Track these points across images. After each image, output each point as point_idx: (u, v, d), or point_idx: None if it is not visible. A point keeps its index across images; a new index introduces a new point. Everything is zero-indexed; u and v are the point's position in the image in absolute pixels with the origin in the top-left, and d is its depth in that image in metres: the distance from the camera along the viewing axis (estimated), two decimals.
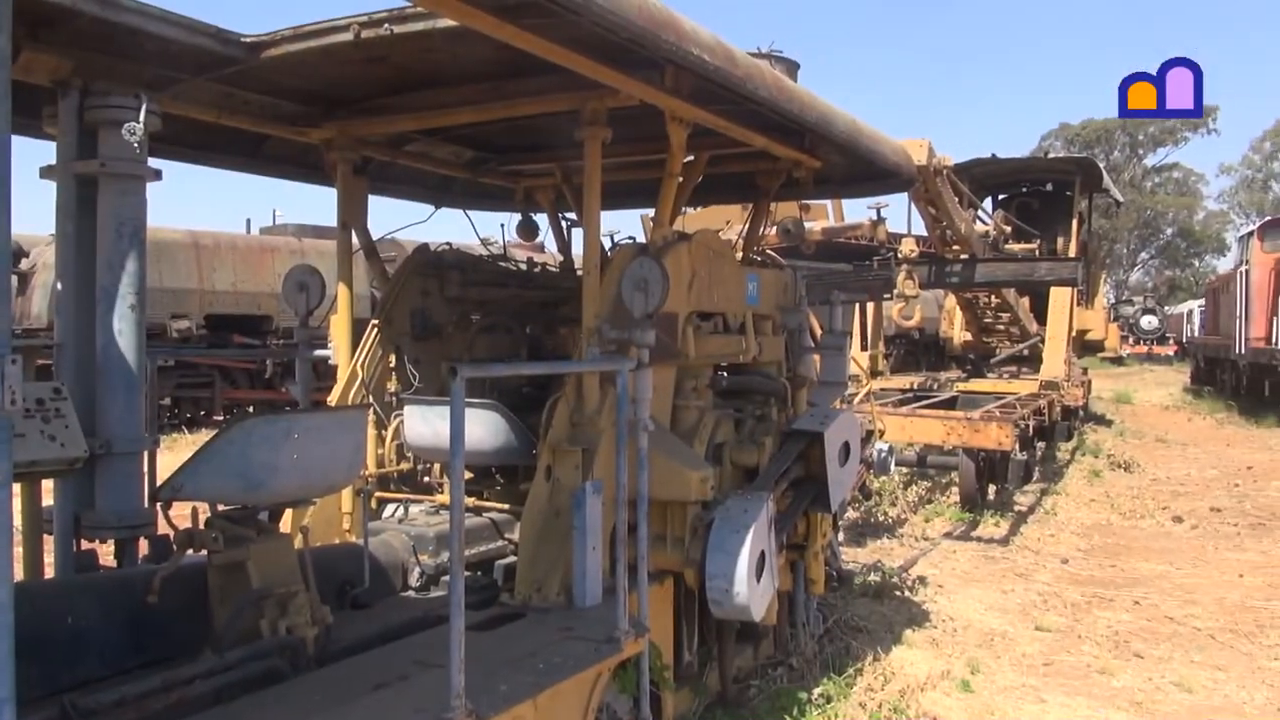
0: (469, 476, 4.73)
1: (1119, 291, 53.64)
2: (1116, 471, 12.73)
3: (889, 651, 5.51)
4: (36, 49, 3.34)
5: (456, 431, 2.56)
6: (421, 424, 4.33)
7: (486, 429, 4.20)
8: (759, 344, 4.82)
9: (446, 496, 4.38)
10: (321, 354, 4.83)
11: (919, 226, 10.80)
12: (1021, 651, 5.81)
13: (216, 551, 3.10)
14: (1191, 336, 33.91)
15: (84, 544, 3.60)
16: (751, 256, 5.35)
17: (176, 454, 7.28)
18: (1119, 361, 33.38)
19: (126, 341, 3.55)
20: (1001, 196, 15.83)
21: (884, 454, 7.20)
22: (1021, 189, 15.95)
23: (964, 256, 11.07)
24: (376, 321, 4.87)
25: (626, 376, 3.44)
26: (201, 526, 3.15)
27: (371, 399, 4.71)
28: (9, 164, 1.83)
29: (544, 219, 5.95)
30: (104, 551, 3.74)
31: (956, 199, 10.38)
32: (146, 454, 3.72)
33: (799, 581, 5.14)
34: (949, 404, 11.22)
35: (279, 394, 16.17)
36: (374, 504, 4.60)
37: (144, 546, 3.66)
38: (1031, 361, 14.13)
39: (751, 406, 4.81)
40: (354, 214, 4.86)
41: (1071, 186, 15.23)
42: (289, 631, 3.08)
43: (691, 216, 7.74)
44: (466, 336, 5.04)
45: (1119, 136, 57.10)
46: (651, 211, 4.50)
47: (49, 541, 3.61)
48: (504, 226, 5.93)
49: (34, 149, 3.94)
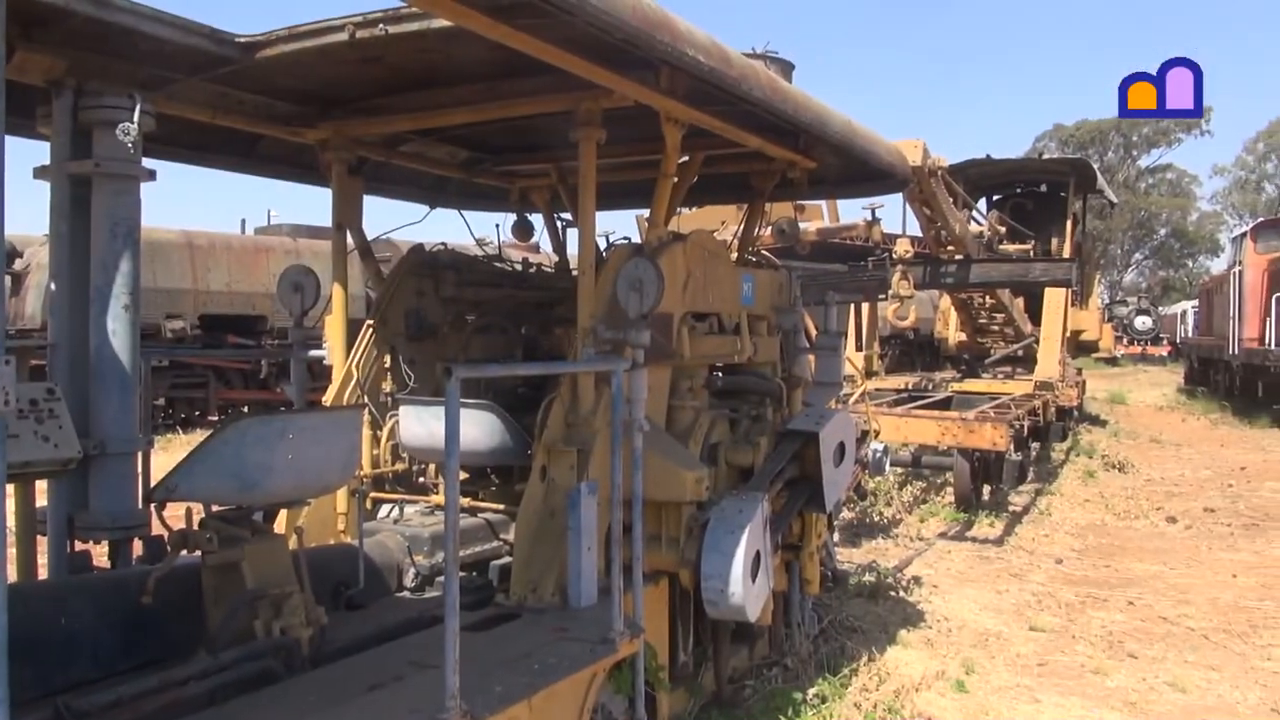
0: (464, 477, 4.73)
1: (1113, 292, 53.82)
2: (1111, 472, 12.76)
3: (884, 652, 5.52)
4: (30, 49, 3.33)
5: (452, 432, 2.56)
6: (417, 424, 4.33)
7: (482, 429, 4.20)
8: (754, 344, 4.83)
9: (442, 497, 4.39)
10: (316, 354, 4.82)
11: (914, 227, 10.84)
12: (1016, 652, 5.82)
13: (211, 552, 3.10)
14: (1185, 337, 34.05)
15: (78, 545, 3.59)
16: (746, 257, 5.36)
17: (171, 454, 7.26)
18: (1113, 362, 33.43)
19: (120, 342, 3.54)
20: (996, 197, 15.86)
21: (879, 454, 7.21)
22: (1016, 190, 15.98)
23: (959, 257, 11.10)
24: (371, 322, 4.87)
25: (621, 377, 3.44)
26: (196, 527, 3.15)
27: (366, 399, 4.71)
28: (3, 164, 1.83)
29: (539, 219, 5.95)
30: (98, 552, 3.74)
31: (951, 200, 10.40)
32: (140, 455, 3.71)
33: (794, 582, 5.15)
34: (944, 404, 11.25)
35: (274, 394, 16.15)
36: (369, 504, 4.59)
37: (138, 547, 3.65)
38: (1026, 362, 14.16)
39: (747, 407, 4.81)
40: (349, 214, 4.85)
41: (1066, 187, 15.28)
42: (283, 632, 3.07)
43: (686, 217, 7.74)
44: (462, 337, 5.04)
45: (1113, 137, 57.27)
46: (646, 212, 4.50)
47: (43, 543, 3.60)
48: (499, 227, 5.93)
49: (28, 149, 3.94)
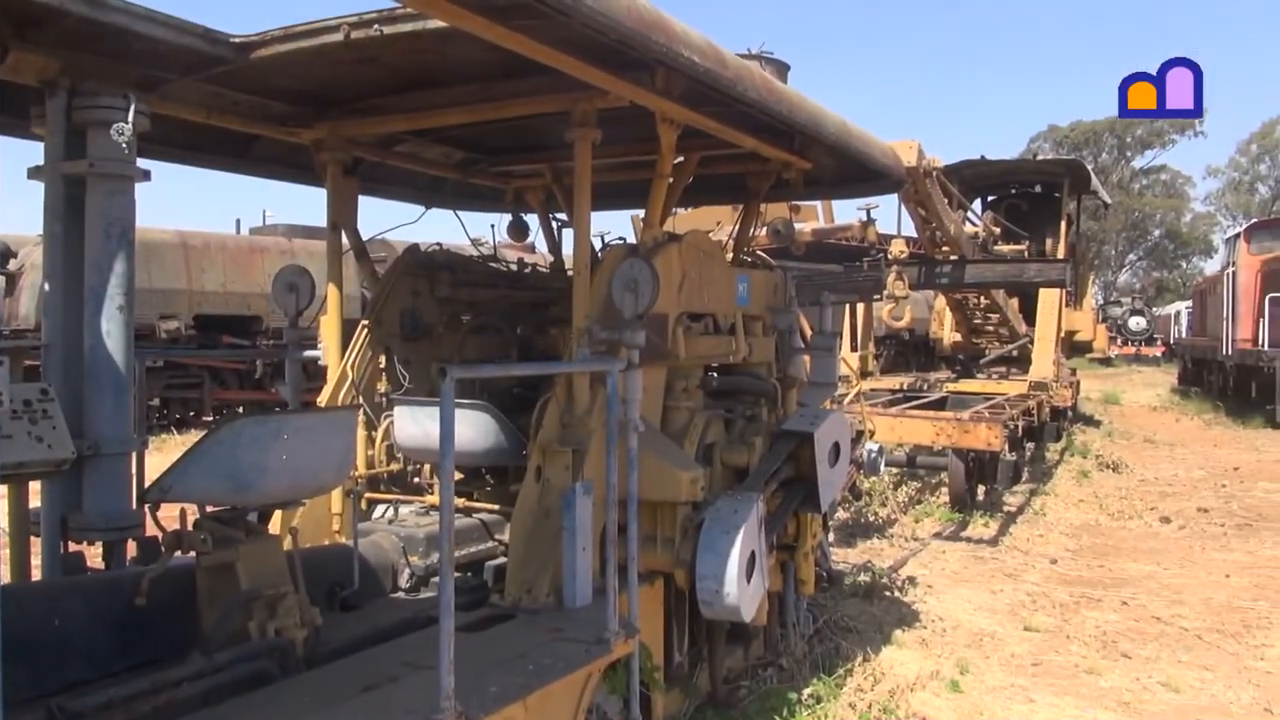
0: (459, 477, 4.72)
1: (1107, 293, 53.95)
2: (1105, 472, 12.78)
3: (879, 652, 5.53)
4: (24, 49, 3.32)
5: (446, 432, 2.55)
6: (412, 425, 4.33)
7: (476, 430, 4.19)
8: (749, 345, 4.83)
9: (436, 497, 4.38)
10: (311, 355, 4.82)
11: (909, 228, 10.86)
12: (1010, 652, 5.83)
13: (205, 553, 3.09)
14: (1179, 338, 34.16)
15: (71, 546, 3.58)
16: (742, 257, 5.36)
17: (166, 455, 7.25)
18: (1107, 362, 33.53)
19: (114, 342, 3.54)
20: (990, 198, 15.91)
21: (874, 454, 7.22)
22: (1010, 190, 16.02)
23: (953, 258, 11.12)
24: (366, 322, 4.86)
25: (617, 377, 3.45)
26: (190, 528, 3.14)
27: (361, 400, 4.70)
28: None
29: (534, 220, 5.95)
30: (92, 553, 3.73)
31: (946, 200, 10.41)
32: (135, 455, 3.70)
33: (789, 582, 5.15)
34: (939, 405, 11.26)
35: (268, 395, 16.11)
36: (364, 505, 4.59)
37: (132, 548, 3.65)
38: (1021, 362, 14.19)
39: (742, 407, 4.81)
40: (344, 215, 4.85)
41: (1060, 188, 15.32)
42: (278, 633, 3.07)
43: (682, 217, 7.72)
44: (457, 337, 5.03)
45: (1107, 138, 57.44)
46: (642, 212, 4.50)
47: (36, 544, 3.59)
48: (494, 227, 5.93)
49: (21, 149, 3.93)
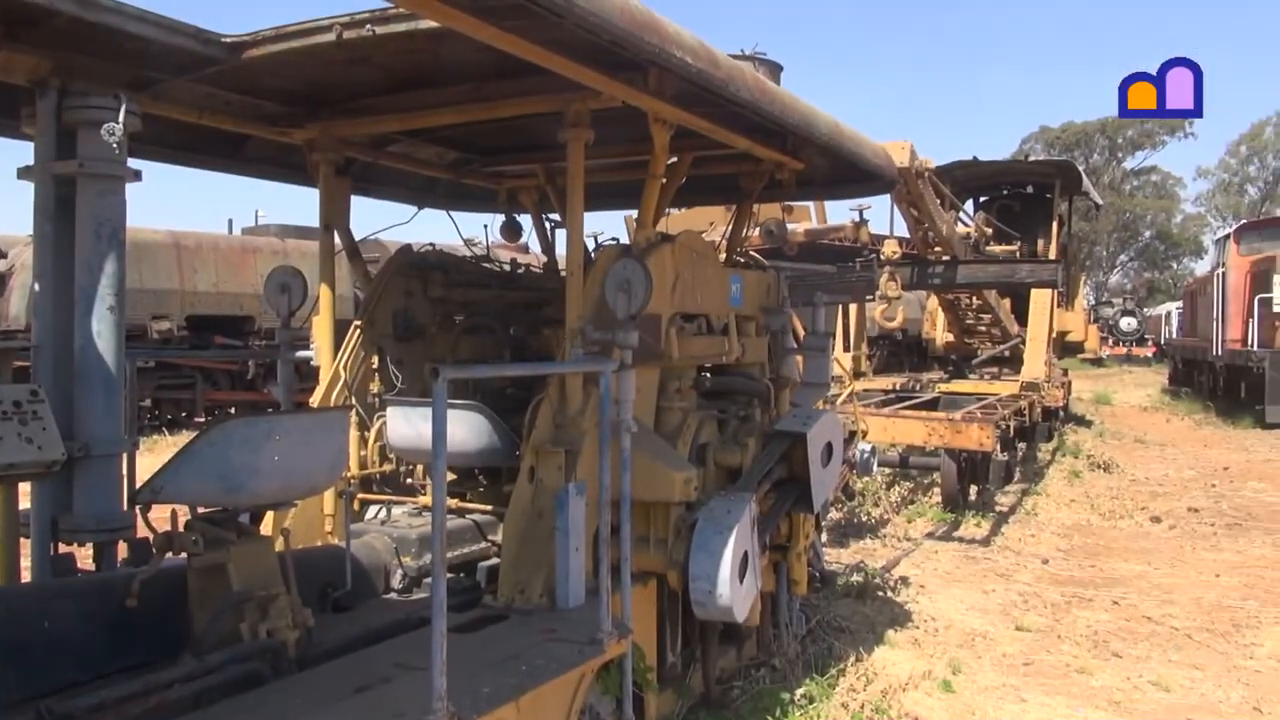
0: (452, 478, 4.72)
1: (1099, 293, 54.17)
2: (1096, 472, 12.83)
3: (871, 652, 5.54)
4: (14, 49, 3.31)
5: (439, 433, 2.55)
6: (404, 425, 4.32)
7: (469, 430, 4.19)
8: (742, 345, 4.83)
9: (429, 498, 4.38)
10: (304, 355, 4.81)
11: (901, 228, 10.86)
12: (1002, 651, 5.85)
13: (196, 554, 3.08)
14: (1170, 338, 34.29)
15: (62, 547, 3.57)
16: (735, 258, 5.37)
17: (158, 456, 7.21)
18: (1099, 363, 33.64)
19: (105, 343, 3.52)
20: (983, 199, 15.94)
21: (866, 455, 7.23)
22: (1002, 191, 16.06)
23: (946, 258, 11.14)
24: (359, 322, 4.85)
25: (610, 377, 3.44)
26: (181, 529, 3.13)
27: (354, 400, 4.69)
28: None
29: (528, 220, 5.95)
30: (82, 555, 3.71)
31: (938, 201, 10.44)
32: (126, 456, 3.69)
33: (782, 582, 5.16)
34: (931, 405, 11.28)
35: (261, 395, 16.07)
36: (356, 506, 4.58)
37: (123, 550, 3.63)
38: (1013, 362, 14.23)
39: (735, 407, 4.82)
40: (336, 215, 4.84)
41: (1051, 189, 15.37)
42: (269, 634, 3.06)
43: (675, 218, 7.75)
44: (450, 337, 5.03)
45: (1098, 139, 57.67)
46: (635, 213, 4.51)
47: (26, 545, 3.58)
48: (487, 228, 5.94)
49: (12, 149, 3.91)
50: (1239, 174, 58.70)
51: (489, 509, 4.54)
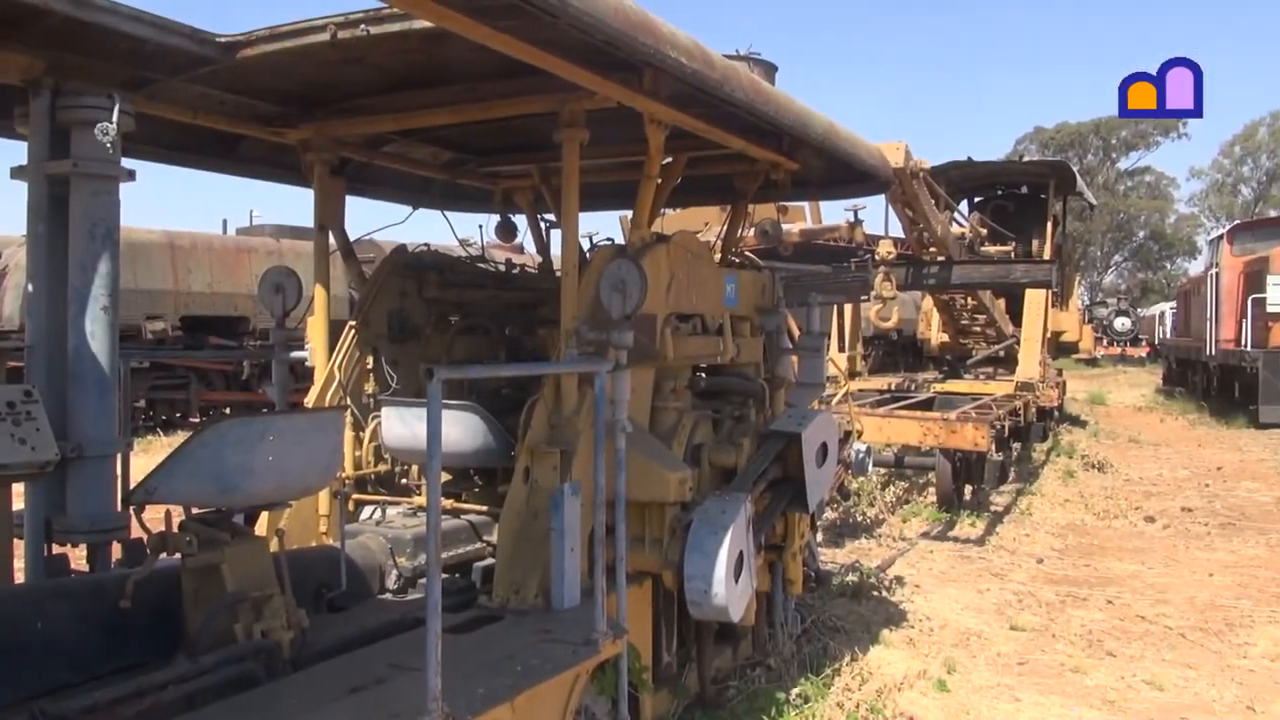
0: (447, 478, 4.71)
1: (1093, 293, 54.30)
2: (1090, 472, 12.86)
3: (866, 651, 5.55)
4: (8, 48, 3.31)
5: (433, 433, 2.55)
6: (399, 425, 4.31)
7: (464, 430, 4.19)
8: (737, 345, 4.84)
9: (424, 499, 4.37)
10: (298, 356, 4.80)
11: (896, 228, 10.90)
12: (997, 651, 5.86)
13: (190, 555, 3.07)
14: (1163, 338, 34.35)
15: (55, 548, 3.56)
16: (730, 258, 5.37)
17: (152, 456, 7.21)
18: (1093, 363, 33.73)
19: (99, 343, 3.52)
20: (977, 199, 15.97)
21: (862, 455, 7.24)
22: (997, 192, 16.09)
23: (940, 258, 11.16)
24: (354, 323, 4.85)
25: (605, 378, 3.44)
26: (175, 530, 3.12)
27: (349, 401, 4.69)
28: None
29: (523, 220, 5.94)
30: (76, 556, 3.70)
31: (933, 201, 10.46)
32: (120, 457, 3.68)
33: (777, 582, 5.16)
34: (926, 405, 11.30)
35: (256, 396, 16.05)
36: (351, 506, 4.57)
37: (117, 550, 3.62)
38: (1007, 363, 14.26)
39: (730, 407, 4.82)
40: (331, 215, 4.83)
41: (1046, 189, 15.40)
42: (264, 635, 3.05)
43: (670, 218, 7.74)
44: (445, 338, 5.02)
45: (1092, 140, 57.85)
46: (630, 213, 4.51)
47: (20, 546, 3.57)
48: (482, 228, 5.92)
49: (5, 149, 3.90)
50: (1232, 174, 58.99)
51: (484, 509, 4.54)
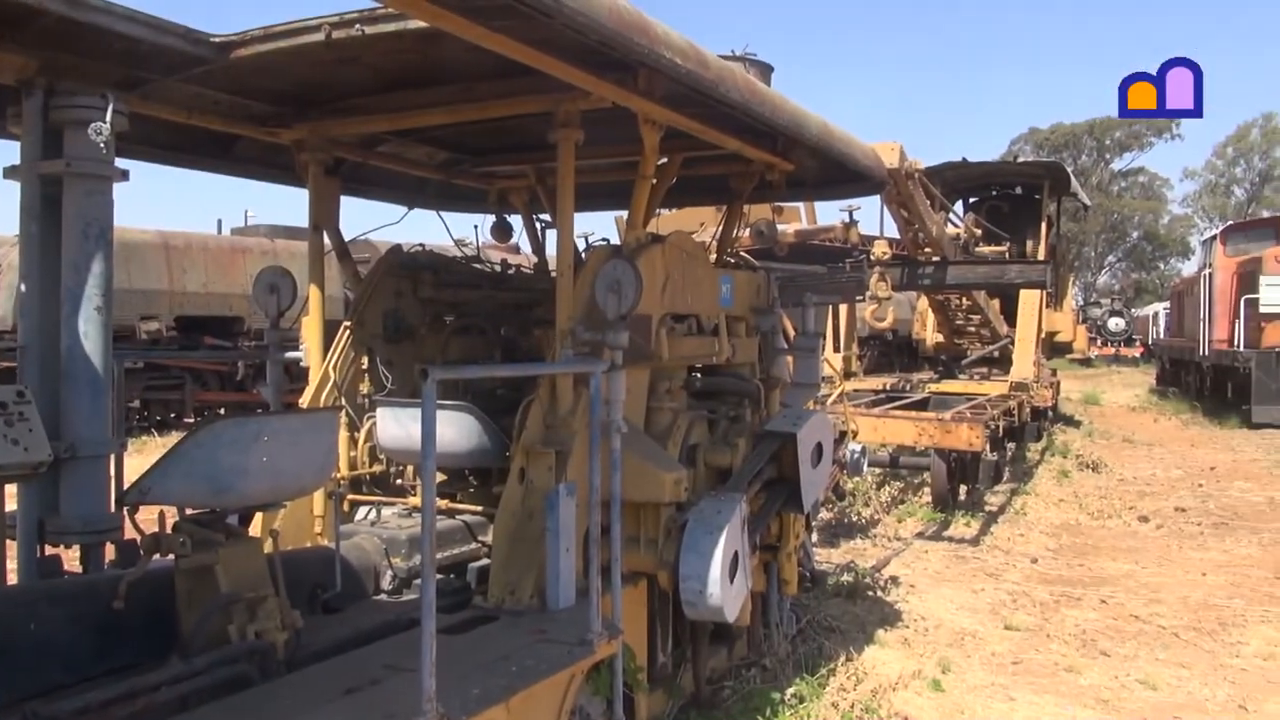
0: (442, 479, 4.71)
1: (1087, 294, 54.40)
2: (1085, 472, 12.89)
3: (861, 651, 5.56)
4: (1, 48, 3.29)
5: (428, 433, 2.55)
6: (394, 426, 4.31)
7: (459, 431, 4.18)
8: (732, 345, 4.84)
9: (419, 499, 4.37)
10: (293, 356, 4.79)
11: (891, 229, 10.90)
12: (991, 650, 5.87)
13: (184, 556, 3.07)
14: (1157, 339, 34.46)
15: (49, 549, 3.55)
16: (725, 258, 5.37)
17: (146, 457, 7.19)
18: (1087, 363, 33.85)
19: (92, 344, 3.51)
20: (972, 200, 16.01)
21: (857, 455, 7.25)
22: (991, 192, 16.13)
23: (935, 259, 11.18)
24: (349, 323, 4.84)
25: (600, 378, 3.45)
26: (169, 531, 3.12)
27: (344, 401, 4.68)
28: None
29: (518, 220, 5.94)
30: (69, 557, 3.69)
31: (928, 202, 10.48)
32: (113, 457, 3.67)
33: (772, 582, 5.16)
34: (921, 405, 11.32)
35: (250, 396, 16.01)
36: (346, 507, 4.56)
37: (110, 551, 3.61)
38: (1002, 363, 14.28)
39: (725, 408, 4.82)
40: (326, 215, 4.82)
41: (1040, 190, 15.45)
42: (258, 636, 3.05)
43: (665, 218, 7.73)
44: (440, 338, 5.02)
45: (1086, 141, 57.98)
46: (625, 213, 4.51)
47: (12, 547, 3.56)
48: (478, 228, 5.92)
49: None
50: (1225, 175, 59.21)
51: (479, 510, 4.53)
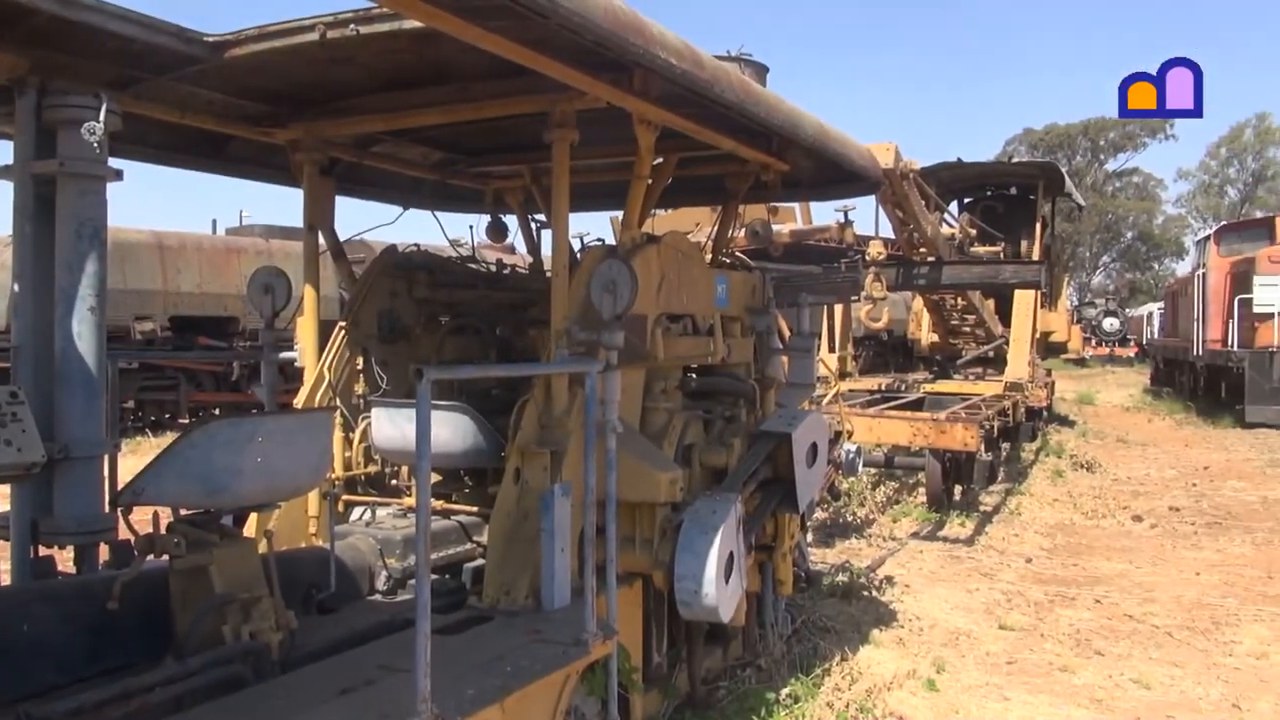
0: (437, 479, 4.71)
1: (1081, 294, 54.54)
2: (1079, 472, 12.92)
3: (856, 651, 5.56)
4: None
5: (423, 434, 2.54)
6: (389, 426, 4.31)
7: (454, 431, 4.18)
8: (728, 346, 4.84)
9: (414, 499, 4.36)
10: (288, 356, 4.78)
11: (886, 229, 10.92)
12: (986, 650, 5.88)
13: (178, 556, 3.06)
14: (1151, 339, 34.55)
15: (42, 550, 3.54)
16: (720, 258, 5.37)
17: (141, 457, 7.15)
18: (1081, 363, 33.89)
19: (86, 344, 3.50)
20: (967, 200, 16.03)
21: (852, 455, 7.25)
22: (986, 193, 16.16)
23: (930, 259, 11.20)
24: (344, 323, 4.83)
25: (595, 378, 3.45)
26: (163, 531, 3.11)
27: (338, 401, 4.67)
28: None
29: (513, 220, 5.94)
30: (63, 557, 3.68)
31: (923, 202, 10.49)
32: (107, 458, 3.66)
33: (767, 582, 5.17)
34: (916, 405, 11.32)
35: (245, 397, 15.98)
36: (341, 507, 4.56)
37: (104, 552, 3.61)
38: (997, 363, 14.31)
39: (720, 408, 4.83)
40: (321, 215, 4.82)
41: (1035, 190, 15.47)
42: (252, 637, 3.04)
43: (661, 219, 7.75)
44: (435, 338, 5.01)
45: (1080, 141, 58.07)
46: (620, 214, 4.51)
47: (6, 548, 3.55)
48: (473, 228, 5.92)
49: None
50: (1219, 176, 59.32)
51: (474, 510, 4.53)
